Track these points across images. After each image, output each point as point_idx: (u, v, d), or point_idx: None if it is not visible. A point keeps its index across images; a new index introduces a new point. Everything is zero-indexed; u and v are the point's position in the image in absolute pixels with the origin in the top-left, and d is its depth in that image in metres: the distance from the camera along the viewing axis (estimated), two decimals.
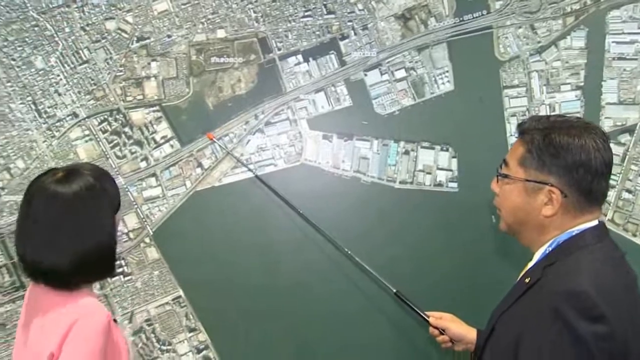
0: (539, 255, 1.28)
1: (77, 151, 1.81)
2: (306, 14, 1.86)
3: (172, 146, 1.85)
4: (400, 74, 1.90)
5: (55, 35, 1.77)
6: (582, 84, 1.89)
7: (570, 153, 1.21)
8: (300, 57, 1.87)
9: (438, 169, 1.91)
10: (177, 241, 1.86)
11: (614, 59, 1.87)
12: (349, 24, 1.87)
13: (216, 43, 1.84)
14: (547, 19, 1.88)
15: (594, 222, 1.25)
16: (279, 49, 1.86)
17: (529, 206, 1.27)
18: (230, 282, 1.86)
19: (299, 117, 1.89)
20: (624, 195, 1.88)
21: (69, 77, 1.79)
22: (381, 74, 1.89)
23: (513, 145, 1.33)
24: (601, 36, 1.88)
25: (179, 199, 1.85)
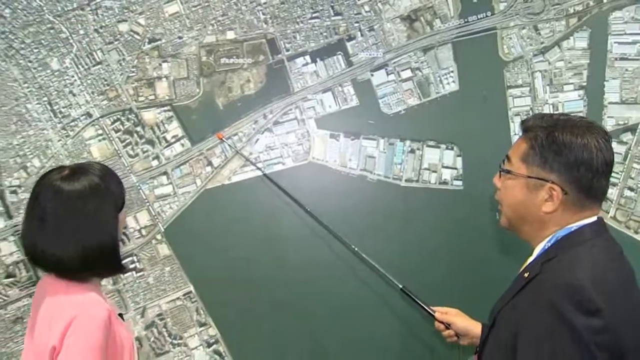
0: (538, 250, 1.28)
1: (91, 150, 1.82)
2: (314, 15, 1.87)
3: (182, 145, 1.86)
4: (406, 74, 1.90)
5: (70, 38, 1.79)
6: (585, 83, 1.89)
7: (572, 151, 1.21)
8: (308, 57, 1.88)
9: (443, 167, 1.91)
10: (187, 238, 1.87)
11: (616, 59, 1.88)
12: (356, 25, 1.88)
13: (226, 44, 1.85)
14: (550, 20, 1.88)
15: (593, 218, 1.25)
16: (287, 50, 1.87)
17: (529, 202, 1.27)
18: (240, 277, 1.87)
19: (306, 117, 1.89)
20: (626, 193, 1.89)
21: (83, 78, 1.80)
22: (387, 74, 1.90)
23: (516, 142, 1.33)
24: (603, 37, 1.88)
25: (190, 197, 1.87)
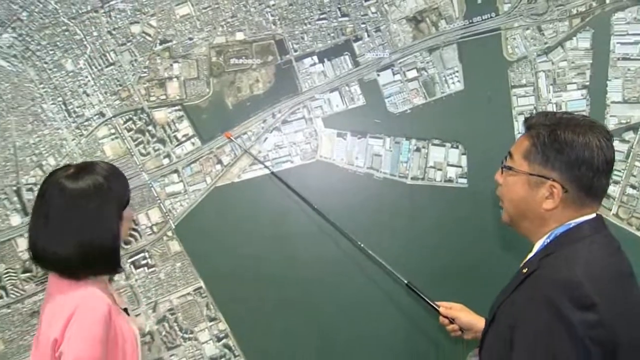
0: (538, 246, 1.29)
1: (104, 149, 1.84)
2: (321, 16, 1.88)
3: (193, 144, 1.87)
4: (412, 74, 1.91)
5: (84, 39, 1.81)
6: (588, 83, 1.89)
7: (573, 150, 1.22)
8: (315, 58, 1.89)
9: (448, 165, 1.92)
10: (198, 235, 1.88)
11: (618, 59, 1.88)
12: (363, 26, 1.89)
13: (235, 45, 1.87)
14: (553, 20, 1.89)
15: (592, 215, 1.26)
16: (295, 51, 1.88)
17: (530, 199, 1.27)
18: (249, 273, 1.88)
19: (314, 116, 1.90)
20: (628, 190, 1.89)
21: (96, 79, 1.82)
22: (393, 74, 1.91)
23: (519, 139, 1.34)
24: (606, 37, 1.88)
25: (200, 195, 1.88)
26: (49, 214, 1.43)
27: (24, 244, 1.80)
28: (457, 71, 1.91)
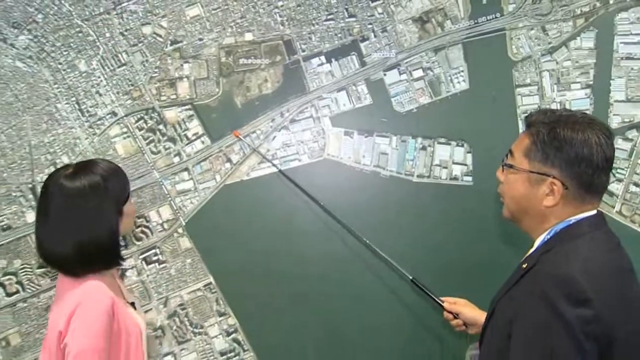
0: (538, 242, 1.30)
1: (116, 147, 1.85)
2: (329, 17, 1.89)
3: (203, 142, 1.89)
4: (418, 73, 1.92)
5: (96, 40, 1.83)
6: (592, 82, 1.89)
7: (573, 147, 1.23)
8: (323, 58, 1.91)
9: (454, 163, 1.93)
10: (207, 231, 1.89)
11: (622, 58, 1.88)
12: (369, 26, 1.90)
13: (244, 45, 1.88)
14: (557, 20, 1.89)
15: (593, 211, 1.27)
16: (303, 51, 1.90)
17: (531, 196, 1.28)
18: (257, 269, 1.90)
19: (321, 115, 1.92)
20: (632, 188, 1.89)
21: (108, 79, 1.84)
22: (400, 73, 1.92)
23: (520, 137, 1.34)
24: (610, 37, 1.88)
25: (210, 192, 1.89)
26: (49, 212, 1.46)
27: None
28: (462, 71, 1.92)
